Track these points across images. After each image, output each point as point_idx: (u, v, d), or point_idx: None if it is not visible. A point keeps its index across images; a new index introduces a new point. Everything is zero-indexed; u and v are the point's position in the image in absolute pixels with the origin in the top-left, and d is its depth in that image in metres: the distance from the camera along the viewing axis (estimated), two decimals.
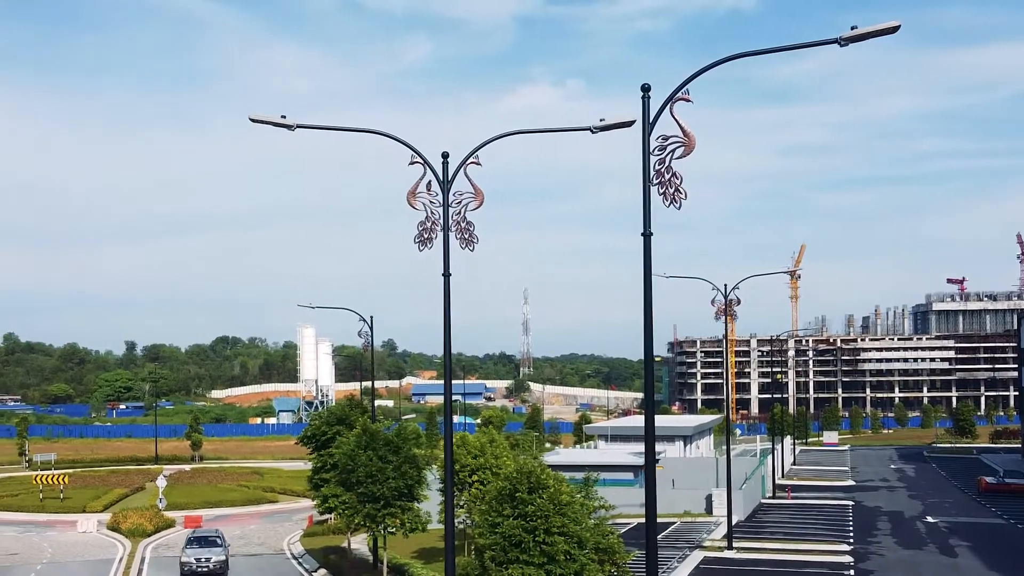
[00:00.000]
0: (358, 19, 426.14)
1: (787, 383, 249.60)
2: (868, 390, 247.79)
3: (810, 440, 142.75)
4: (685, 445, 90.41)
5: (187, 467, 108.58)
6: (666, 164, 15.71)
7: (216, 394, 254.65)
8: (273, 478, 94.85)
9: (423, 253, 19.32)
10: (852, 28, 15.44)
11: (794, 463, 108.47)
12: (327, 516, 57.71)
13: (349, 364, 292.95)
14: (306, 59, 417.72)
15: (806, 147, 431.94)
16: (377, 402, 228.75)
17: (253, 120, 18.70)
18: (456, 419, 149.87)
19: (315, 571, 51.61)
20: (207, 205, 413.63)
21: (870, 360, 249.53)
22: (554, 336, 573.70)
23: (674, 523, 61.67)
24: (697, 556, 48.62)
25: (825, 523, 61.27)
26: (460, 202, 19.23)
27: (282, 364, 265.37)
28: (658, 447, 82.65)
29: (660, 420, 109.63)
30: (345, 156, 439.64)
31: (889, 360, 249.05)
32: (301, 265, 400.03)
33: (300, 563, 54.46)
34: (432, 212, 19.15)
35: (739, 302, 50.09)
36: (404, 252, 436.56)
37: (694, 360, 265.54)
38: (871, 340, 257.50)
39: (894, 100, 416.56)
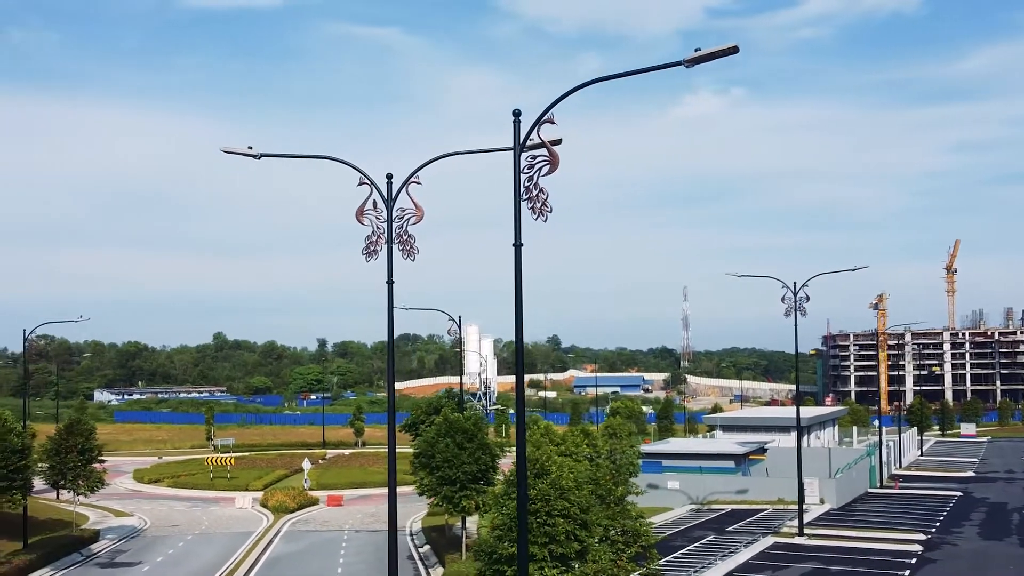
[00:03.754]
0: (538, 42, 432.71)
1: (943, 376, 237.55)
2: None
3: (948, 432, 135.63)
4: (801, 436, 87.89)
5: (347, 451, 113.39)
6: (534, 181, 16.34)
7: (396, 385, 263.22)
8: None
9: (578, 257, 20.46)
10: (696, 50, 15.66)
11: (922, 454, 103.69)
12: None
13: (515, 358, 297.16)
14: (495, 81, 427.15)
15: (972, 143, 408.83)
16: (540, 393, 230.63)
17: (225, 151, 20.36)
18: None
19: (422, 547, 53.65)
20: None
21: None
22: (717, 331, 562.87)
23: (765, 510, 60.56)
24: (768, 541, 47.81)
25: (918, 513, 58.82)
26: (403, 217, 20.31)
27: (454, 358, 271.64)
28: (770, 437, 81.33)
29: (775, 411, 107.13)
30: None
31: None
32: (477, 267, 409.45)
33: (413, 540, 56.63)
34: (378, 227, 20.30)
35: (808, 299, 49.04)
36: (563, 255, 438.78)
37: (847, 353, 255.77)
38: None
39: None
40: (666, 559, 43.06)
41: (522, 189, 16.45)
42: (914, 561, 42.65)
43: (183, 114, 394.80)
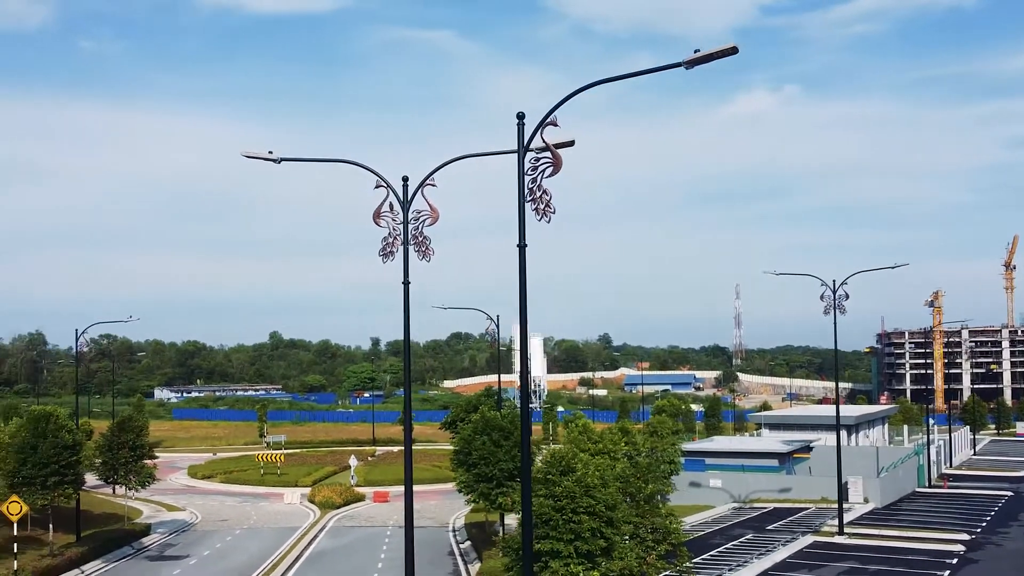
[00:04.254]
0: (588, 43, 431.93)
1: (1001, 374, 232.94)
2: None
3: (1004, 431, 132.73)
4: (849, 434, 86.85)
5: (395, 448, 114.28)
6: (538, 183, 16.46)
7: (448, 384, 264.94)
8: None
9: (639, 257, 20.84)
10: (695, 51, 15.67)
11: (975, 453, 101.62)
12: None
13: (566, 356, 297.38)
14: (544, 81, 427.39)
15: None
16: (591, 391, 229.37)
17: (246, 156, 20.82)
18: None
19: (463, 543, 54.14)
20: (448, 216, 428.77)
21: None
22: (771, 328, 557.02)
23: (808, 508, 59.85)
24: (806, 540, 47.30)
25: (964, 512, 57.69)
26: (418, 219, 20.57)
27: (507, 357, 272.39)
28: (815, 435, 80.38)
29: (821, 409, 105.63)
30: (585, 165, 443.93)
31: None
32: (544, 266, 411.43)
33: (455, 536, 57.16)
34: (394, 229, 20.58)
35: (847, 297, 48.44)
36: (614, 252, 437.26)
37: (902, 351, 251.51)
38: None
39: None
40: (702, 557, 42.91)
41: (526, 191, 16.60)
42: (955, 561, 41.89)
43: (238, 119, 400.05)
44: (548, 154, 16.49)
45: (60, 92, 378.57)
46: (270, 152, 20.90)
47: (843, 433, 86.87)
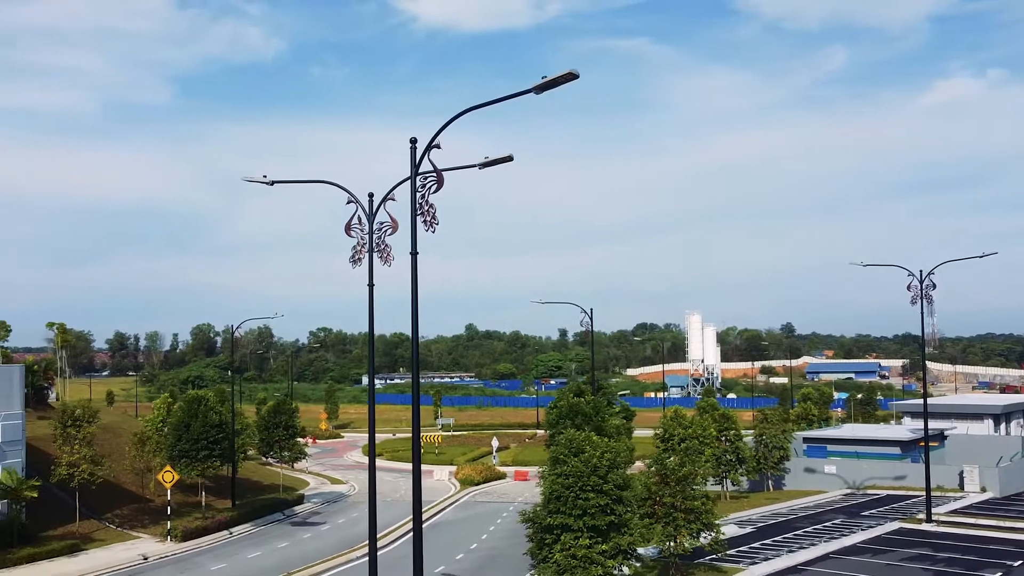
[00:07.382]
0: (778, 39, 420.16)
1: None
2: None
3: None
4: (997, 423, 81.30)
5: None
6: (425, 198, 17.99)
7: (630, 372, 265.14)
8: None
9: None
10: (543, 78, 16.71)
11: None
12: None
13: (748, 345, 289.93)
14: (734, 80, 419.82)
15: None
16: (772, 379, 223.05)
17: (245, 180, 23.38)
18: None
19: None
20: (638, 213, 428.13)
21: None
22: (972, 317, 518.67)
23: (921, 496, 56.98)
24: (892, 526, 45.54)
25: None
26: (381, 230, 22.39)
27: (683, 346, 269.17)
28: (958, 423, 76.10)
29: (967, 398, 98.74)
30: (762, 163, 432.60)
31: None
32: (736, 258, 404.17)
33: None
34: (362, 238, 22.53)
35: (935, 287, 46.17)
36: (810, 247, 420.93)
37: None
38: None
39: None
40: (773, 539, 42.56)
41: (416, 206, 18.11)
42: None
43: (449, 132, 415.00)
44: (434, 174, 17.96)
45: (294, 114, 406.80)
46: (264, 176, 23.37)
47: (990, 422, 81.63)
